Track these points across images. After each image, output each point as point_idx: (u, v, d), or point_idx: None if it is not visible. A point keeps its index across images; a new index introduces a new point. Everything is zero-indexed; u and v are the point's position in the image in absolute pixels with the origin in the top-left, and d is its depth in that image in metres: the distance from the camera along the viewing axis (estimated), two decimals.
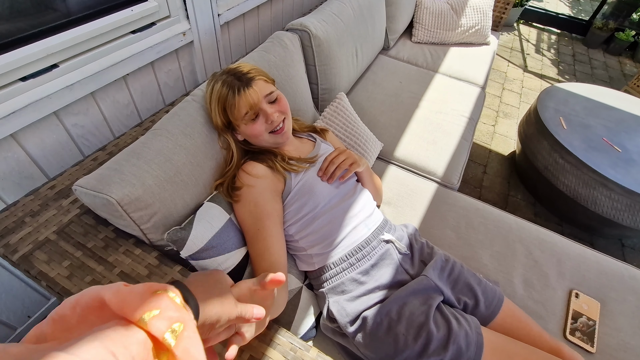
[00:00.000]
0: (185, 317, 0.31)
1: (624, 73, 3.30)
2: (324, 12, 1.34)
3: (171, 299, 0.32)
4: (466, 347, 0.72)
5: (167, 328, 0.29)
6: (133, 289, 0.31)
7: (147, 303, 0.30)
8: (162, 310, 0.30)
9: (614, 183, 1.48)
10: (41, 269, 0.67)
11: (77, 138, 1.02)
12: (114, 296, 0.30)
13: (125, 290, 0.31)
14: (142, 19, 1.05)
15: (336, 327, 0.80)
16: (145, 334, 0.29)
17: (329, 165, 0.88)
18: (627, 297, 1.03)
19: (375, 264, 0.83)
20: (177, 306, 0.31)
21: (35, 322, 1.16)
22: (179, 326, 0.30)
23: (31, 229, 0.73)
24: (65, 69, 0.90)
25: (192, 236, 0.71)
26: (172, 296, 0.32)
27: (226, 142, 0.88)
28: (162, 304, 0.31)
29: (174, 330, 0.29)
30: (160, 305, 0.30)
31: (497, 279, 1.04)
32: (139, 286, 0.32)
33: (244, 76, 0.80)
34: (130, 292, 0.30)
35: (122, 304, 0.29)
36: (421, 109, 1.61)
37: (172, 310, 0.31)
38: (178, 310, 0.31)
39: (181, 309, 0.32)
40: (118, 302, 0.30)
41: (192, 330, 0.31)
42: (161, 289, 0.32)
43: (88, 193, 0.66)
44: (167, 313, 0.30)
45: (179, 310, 0.31)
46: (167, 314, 0.30)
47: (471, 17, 2.10)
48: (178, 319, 0.30)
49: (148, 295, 0.31)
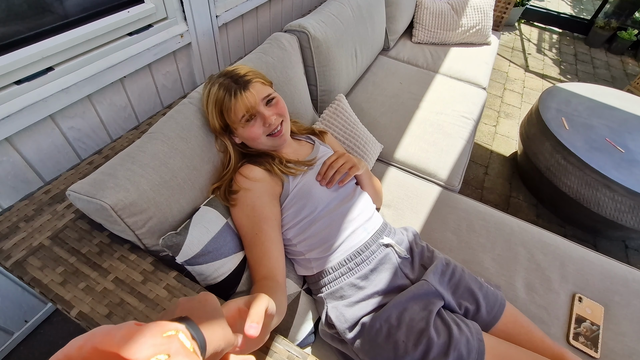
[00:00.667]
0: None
1: (626, 72, 3.27)
2: (322, 13, 1.32)
3: (181, 343, 0.31)
4: (467, 354, 0.71)
5: None
6: (143, 330, 0.30)
7: (156, 345, 0.29)
8: (172, 355, 0.29)
9: (617, 184, 1.46)
10: (35, 275, 0.66)
11: (74, 141, 1.01)
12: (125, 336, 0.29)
13: (135, 330, 0.30)
14: (139, 20, 1.05)
15: (335, 333, 0.79)
16: None
17: (327, 169, 0.87)
18: (631, 301, 1.02)
19: (375, 269, 0.82)
20: (186, 352, 0.31)
21: (33, 326, 1.15)
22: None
23: (25, 235, 0.72)
24: (61, 72, 0.89)
25: (188, 241, 0.70)
26: (182, 339, 0.31)
27: (223, 145, 0.87)
28: (172, 349, 0.30)
29: None
30: (170, 350, 0.30)
31: (499, 283, 1.02)
32: (149, 326, 0.31)
33: (241, 79, 0.79)
34: (141, 334, 0.30)
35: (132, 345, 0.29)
36: (421, 110, 1.60)
37: (182, 356, 0.30)
38: (188, 356, 0.30)
39: (191, 355, 0.31)
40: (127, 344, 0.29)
41: None
42: (173, 330, 0.31)
43: (82, 198, 0.65)
44: (176, 358, 0.29)
45: (189, 356, 0.30)
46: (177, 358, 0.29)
47: (472, 17, 2.09)
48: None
49: (159, 337, 0.30)
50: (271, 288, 0.67)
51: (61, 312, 1.20)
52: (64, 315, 1.21)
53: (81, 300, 0.64)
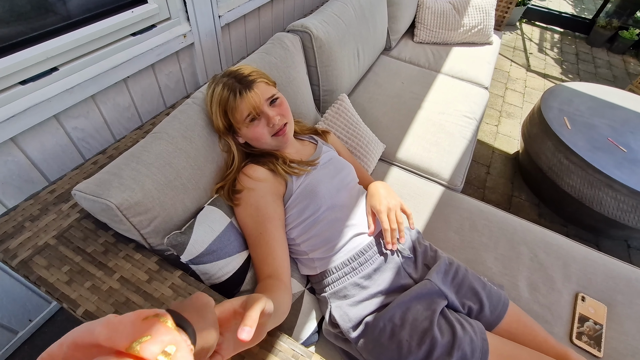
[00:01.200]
0: (177, 339, 0.31)
1: (628, 72, 3.27)
2: (325, 12, 1.33)
3: (162, 323, 0.31)
4: (471, 354, 0.71)
5: (160, 351, 0.29)
6: (123, 319, 0.30)
7: (137, 330, 0.29)
8: (154, 334, 0.30)
9: (620, 184, 1.46)
10: (40, 274, 0.66)
11: (78, 141, 1.01)
12: (104, 327, 0.29)
13: (115, 321, 0.30)
14: (142, 21, 1.05)
15: (338, 333, 0.79)
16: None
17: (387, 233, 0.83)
18: (634, 300, 1.02)
19: (378, 268, 0.82)
20: (168, 329, 0.31)
21: (37, 325, 1.16)
22: (172, 348, 0.29)
23: (31, 234, 0.72)
24: (65, 72, 0.90)
25: (193, 240, 0.70)
26: (162, 320, 0.31)
27: (227, 145, 0.87)
28: (152, 329, 0.30)
29: (167, 353, 0.29)
30: (151, 331, 0.30)
31: (502, 283, 1.02)
32: (128, 315, 0.31)
33: (244, 79, 0.79)
34: (120, 322, 0.30)
35: (112, 334, 0.29)
36: (424, 109, 1.60)
37: (164, 334, 0.30)
38: (170, 333, 0.30)
39: (173, 332, 0.31)
40: (108, 333, 0.29)
41: (186, 352, 0.31)
42: (151, 315, 0.32)
43: (87, 198, 0.65)
44: (158, 337, 0.30)
45: (171, 332, 0.31)
46: (159, 337, 0.30)
47: (473, 16, 2.09)
48: (170, 342, 0.30)
49: (138, 322, 0.30)
50: (275, 287, 0.67)
51: (64, 311, 1.21)
52: (67, 314, 1.21)
53: (87, 299, 0.64)
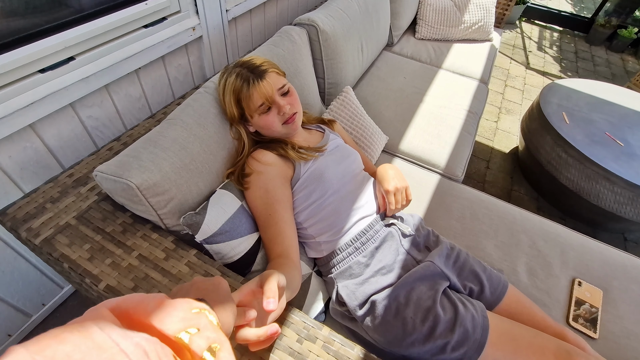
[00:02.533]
0: (222, 338, 0.32)
1: (626, 70, 3.31)
2: (330, 7, 1.36)
3: (209, 320, 0.32)
4: (472, 330, 0.74)
5: (206, 346, 0.30)
6: (175, 304, 0.32)
7: (186, 320, 0.31)
8: (202, 328, 0.31)
9: (617, 176, 1.50)
10: (63, 251, 0.70)
11: (91, 130, 1.05)
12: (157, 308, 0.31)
13: (168, 304, 0.31)
14: (154, 13, 1.08)
15: (345, 311, 0.82)
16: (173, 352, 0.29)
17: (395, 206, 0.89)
18: (629, 286, 1.05)
19: (379, 246, 0.86)
20: (214, 327, 0.32)
21: (49, 310, 1.19)
22: (217, 347, 0.31)
23: (52, 214, 0.75)
24: (82, 62, 0.93)
25: (207, 220, 0.73)
26: (209, 317, 0.33)
27: (238, 132, 0.90)
28: (201, 323, 0.31)
29: (212, 350, 0.30)
30: (199, 324, 0.31)
31: (502, 268, 1.06)
32: (180, 302, 0.32)
33: (257, 68, 0.83)
34: (174, 307, 0.31)
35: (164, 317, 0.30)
36: (425, 103, 1.63)
37: (211, 331, 0.31)
38: (215, 331, 0.32)
39: (218, 331, 0.32)
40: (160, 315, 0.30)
41: (228, 352, 0.32)
42: (200, 308, 0.33)
43: (108, 178, 0.68)
44: (205, 332, 0.31)
45: (216, 331, 0.32)
46: (206, 333, 0.31)
47: (474, 13, 2.12)
48: (215, 340, 0.31)
49: (189, 312, 0.32)
50: (285, 265, 0.71)
51: (77, 296, 1.24)
52: (79, 299, 1.24)
53: (108, 275, 0.68)
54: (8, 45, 0.79)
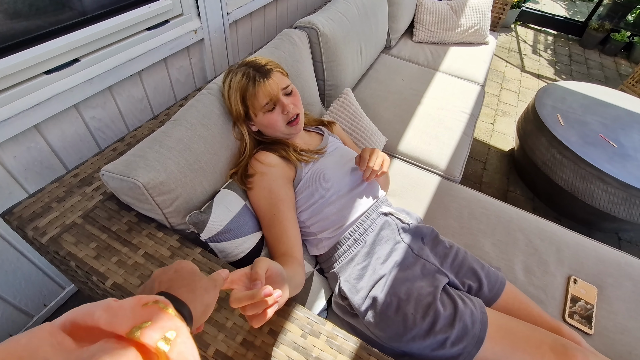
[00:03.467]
0: (177, 324, 0.31)
1: (619, 73, 3.36)
2: (330, 10, 1.38)
3: (162, 310, 0.32)
4: (472, 325, 0.76)
5: (160, 337, 0.29)
6: (123, 304, 0.31)
7: (137, 316, 0.30)
8: (154, 320, 0.30)
9: (611, 177, 1.53)
10: (70, 250, 0.71)
11: (95, 131, 1.06)
12: (104, 312, 0.30)
13: (115, 305, 0.31)
14: (157, 16, 1.10)
15: (347, 305, 0.84)
16: (136, 350, 0.28)
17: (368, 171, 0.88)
18: (623, 282, 1.08)
19: (378, 234, 0.89)
20: (168, 316, 0.32)
21: (51, 310, 1.19)
22: (172, 334, 0.30)
23: (58, 214, 0.76)
24: (86, 64, 0.94)
25: (212, 219, 0.75)
26: (162, 307, 0.32)
27: (240, 133, 0.92)
28: (152, 315, 0.31)
29: (167, 339, 0.30)
30: (151, 317, 0.30)
31: (499, 266, 1.08)
32: (128, 300, 0.32)
33: (262, 68, 0.85)
34: (121, 307, 0.31)
35: (112, 319, 0.29)
36: (423, 105, 1.66)
37: (164, 320, 0.31)
38: (170, 320, 0.31)
39: (173, 318, 0.32)
40: (108, 318, 0.29)
41: (186, 336, 0.31)
42: (151, 301, 0.32)
43: (115, 177, 0.70)
44: (158, 323, 0.30)
45: (171, 319, 0.31)
46: (159, 324, 0.30)
47: (470, 17, 2.15)
48: (170, 328, 0.31)
49: (138, 308, 0.31)
50: (289, 262, 0.73)
51: (77, 297, 1.24)
52: (80, 300, 1.25)
53: (115, 272, 0.69)
54: (14, 47, 0.81)
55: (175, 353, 0.29)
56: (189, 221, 0.74)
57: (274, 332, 0.64)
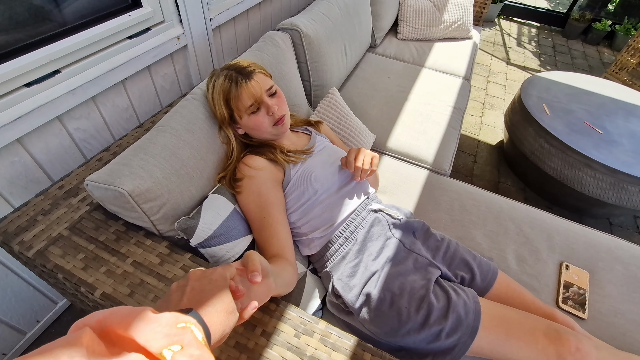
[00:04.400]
0: (205, 355, 0.32)
1: (602, 61, 3.42)
2: (312, 11, 1.39)
3: (194, 336, 0.32)
4: (465, 315, 0.76)
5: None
6: (160, 320, 0.31)
7: (171, 335, 0.30)
8: (185, 346, 0.30)
9: (598, 163, 1.55)
10: (57, 262, 0.70)
11: (80, 142, 1.05)
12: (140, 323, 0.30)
13: (152, 318, 0.31)
14: (138, 24, 1.09)
15: (341, 303, 0.84)
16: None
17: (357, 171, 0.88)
18: (614, 266, 1.09)
19: (368, 231, 0.89)
20: (199, 344, 0.32)
21: (44, 326, 1.18)
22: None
23: (44, 226, 0.75)
24: (67, 74, 0.93)
25: (201, 224, 0.74)
26: (194, 332, 0.33)
27: (226, 136, 0.92)
28: (185, 340, 0.31)
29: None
30: (183, 341, 0.31)
31: (491, 256, 1.09)
32: (165, 315, 0.32)
33: (244, 70, 0.85)
34: (158, 322, 0.31)
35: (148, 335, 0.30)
36: (410, 101, 1.67)
37: (194, 348, 0.31)
38: (199, 348, 0.31)
39: (202, 347, 0.32)
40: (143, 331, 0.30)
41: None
42: (187, 323, 0.33)
43: (100, 187, 0.69)
44: (189, 350, 0.30)
45: (201, 348, 0.32)
46: (189, 351, 0.30)
47: (453, 13, 2.18)
48: (199, 357, 0.31)
49: (173, 327, 0.31)
50: (279, 261, 0.73)
51: (71, 311, 1.23)
52: (73, 314, 1.23)
53: (103, 283, 0.68)
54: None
55: None
56: (177, 227, 0.73)
57: (267, 333, 0.64)
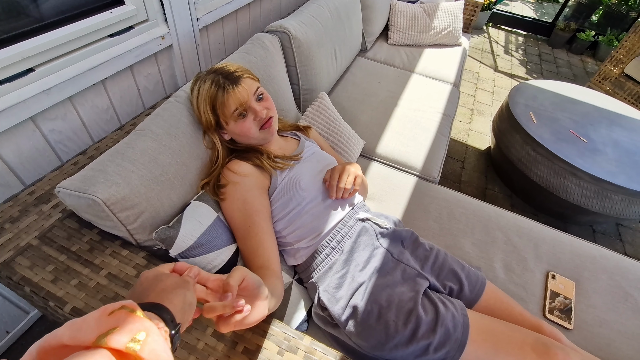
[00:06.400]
0: (147, 324, 0.30)
1: (586, 71, 3.50)
2: (302, 14, 1.36)
3: (129, 314, 0.31)
4: (453, 328, 0.75)
5: (129, 339, 0.29)
6: (86, 318, 0.30)
7: (103, 325, 0.29)
8: (121, 325, 0.29)
9: (583, 172, 1.57)
10: (24, 274, 0.65)
11: (55, 144, 1.00)
12: (67, 329, 0.29)
13: (78, 321, 0.30)
14: (120, 22, 1.05)
15: (327, 316, 0.81)
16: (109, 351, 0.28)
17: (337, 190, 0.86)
18: (599, 275, 1.10)
19: (355, 241, 0.86)
20: (136, 318, 0.31)
21: (14, 337, 1.11)
22: (142, 335, 0.29)
23: (11, 235, 0.70)
24: (42, 73, 0.88)
25: (181, 234, 0.71)
26: (129, 310, 0.31)
27: (211, 141, 0.88)
28: (119, 320, 0.30)
29: (136, 340, 0.29)
30: (117, 322, 0.30)
31: (479, 265, 1.08)
32: (92, 313, 0.31)
33: (231, 75, 0.81)
34: (84, 321, 0.30)
35: (75, 334, 0.28)
36: (400, 107, 1.66)
37: (132, 323, 0.30)
38: (138, 321, 0.30)
39: (141, 319, 0.31)
40: (71, 334, 0.28)
41: (157, 335, 0.31)
42: (117, 308, 0.31)
43: (72, 194, 0.65)
44: (126, 327, 0.29)
45: (139, 321, 0.30)
46: (127, 327, 0.29)
47: (443, 19, 2.19)
48: (139, 329, 0.30)
49: (104, 318, 0.30)
50: (267, 275, 0.70)
51: (42, 322, 1.16)
52: (45, 325, 1.17)
53: (74, 297, 0.64)
54: None
55: (146, 352, 0.29)
56: (156, 237, 0.69)
57: (248, 350, 0.61)
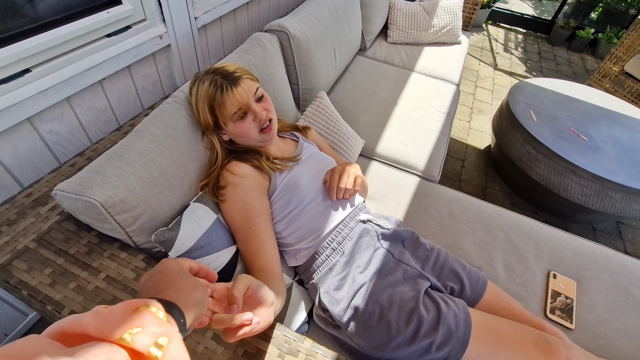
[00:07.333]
0: (169, 330, 0.31)
1: (586, 68, 3.49)
2: (301, 13, 1.36)
3: (153, 314, 0.31)
4: (455, 327, 0.74)
5: (152, 342, 0.29)
6: (113, 310, 0.30)
7: (128, 322, 0.29)
8: (145, 326, 0.29)
9: (583, 170, 1.57)
10: (21, 278, 0.65)
11: (52, 145, 0.99)
12: (93, 319, 0.29)
13: (104, 312, 0.30)
14: (117, 22, 1.04)
15: (328, 317, 0.81)
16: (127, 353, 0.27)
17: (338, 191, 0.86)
18: (600, 275, 1.09)
19: (356, 243, 0.86)
20: (160, 321, 0.31)
21: (13, 339, 1.10)
22: (164, 340, 0.29)
23: (8, 238, 0.70)
24: (39, 74, 0.87)
25: (181, 236, 0.70)
26: (154, 311, 0.31)
27: (210, 142, 0.88)
28: (144, 321, 0.30)
29: (159, 345, 0.29)
30: (142, 323, 0.29)
31: (480, 265, 1.07)
32: (118, 306, 0.31)
33: (230, 75, 0.81)
34: (110, 313, 0.30)
35: (101, 325, 0.28)
36: (400, 106, 1.66)
37: (155, 326, 0.30)
38: (161, 325, 0.30)
39: (165, 324, 0.31)
40: (97, 324, 0.28)
41: (178, 342, 0.31)
42: (142, 305, 0.31)
43: (69, 197, 0.64)
44: (150, 329, 0.29)
45: (162, 324, 0.31)
46: (151, 329, 0.29)
47: (442, 17, 2.18)
48: (162, 334, 0.30)
49: (129, 313, 0.30)
50: (270, 278, 0.69)
51: (42, 324, 1.16)
52: (44, 327, 1.16)
53: (72, 300, 0.63)
54: None
55: (168, 359, 0.29)
56: (155, 240, 0.69)
57: (249, 354, 0.60)
